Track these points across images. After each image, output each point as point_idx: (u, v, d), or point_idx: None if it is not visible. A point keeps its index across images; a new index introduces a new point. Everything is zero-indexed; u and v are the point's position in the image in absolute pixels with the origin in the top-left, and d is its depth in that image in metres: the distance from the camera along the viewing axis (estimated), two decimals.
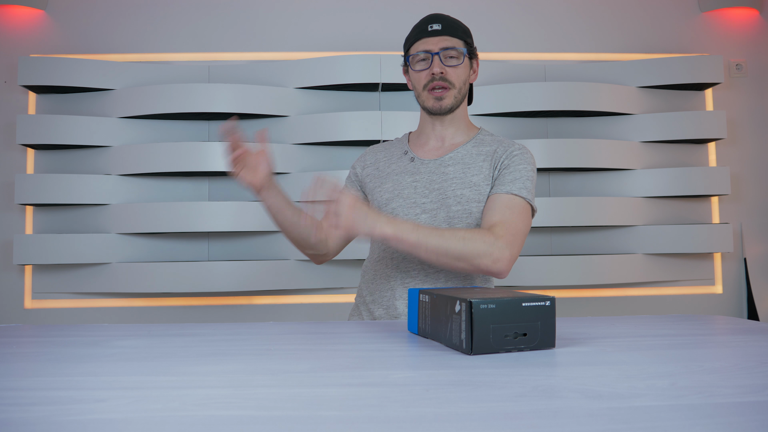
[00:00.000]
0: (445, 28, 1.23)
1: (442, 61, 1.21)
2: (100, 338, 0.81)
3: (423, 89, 1.23)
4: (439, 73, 1.20)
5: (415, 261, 1.20)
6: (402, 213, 1.22)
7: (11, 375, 0.59)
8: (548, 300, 0.68)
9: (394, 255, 1.23)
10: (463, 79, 1.24)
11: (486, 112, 2.42)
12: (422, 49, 1.22)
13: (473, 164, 1.23)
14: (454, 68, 1.22)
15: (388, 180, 1.27)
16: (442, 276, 1.20)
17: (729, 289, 2.53)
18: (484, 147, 1.26)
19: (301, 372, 0.59)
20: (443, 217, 1.20)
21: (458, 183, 1.21)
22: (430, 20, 1.24)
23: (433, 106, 1.23)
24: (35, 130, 2.26)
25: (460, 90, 1.24)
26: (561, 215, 2.33)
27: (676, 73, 2.46)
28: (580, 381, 0.54)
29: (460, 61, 1.23)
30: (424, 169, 1.25)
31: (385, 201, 1.25)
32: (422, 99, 1.25)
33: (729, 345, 0.73)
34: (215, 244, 2.39)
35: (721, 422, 0.42)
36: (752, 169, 2.59)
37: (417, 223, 1.07)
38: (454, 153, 1.25)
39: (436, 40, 1.22)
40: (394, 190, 1.25)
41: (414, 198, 1.22)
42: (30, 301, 2.34)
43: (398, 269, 1.22)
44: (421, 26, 1.25)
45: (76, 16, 2.44)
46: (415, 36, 1.24)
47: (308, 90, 2.41)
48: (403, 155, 1.29)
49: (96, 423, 0.43)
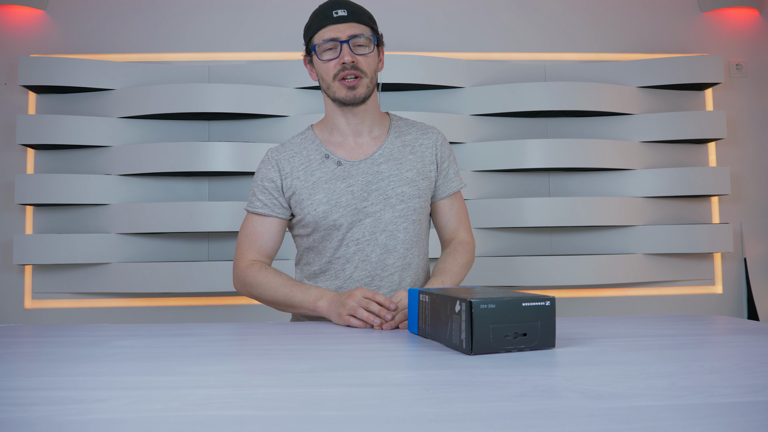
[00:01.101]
0: (351, 14, 1.14)
1: (352, 49, 1.13)
2: (100, 338, 0.81)
3: (333, 80, 1.15)
4: (350, 62, 1.12)
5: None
6: (345, 222, 1.16)
7: (11, 375, 0.59)
8: (548, 300, 0.68)
9: (345, 266, 1.19)
10: (373, 68, 1.18)
11: (486, 112, 2.42)
12: (329, 37, 1.13)
13: (403, 158, 1.21)
14: (364, 57, 1.15)
15: (318, 190, 1.17)
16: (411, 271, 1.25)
17: (729, 289, 2.53)
18: (404, 136, 1.24)
19: (301, 372, 0.59)
20: (389, 219, 1.17)
21: (396, 180, 1.18)
22: (333, 5, 1.15)
23: (346, 96, 1.15)
24: (35, 130, 2.25)
25: (372, 79, 1.18)
26: (561, 215, 2.33)
27: (676, 73, 2.46)
28: (580, 381, 0.54)
29: (370, 49, 1.16)
30: (356, 171, 1.18)
31: (322, 214, 1.16)
32: (333, 90, 1.16)
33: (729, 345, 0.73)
34: (215, 244, 2.39)
35: (721, 422, 0.42)
36: (752, 169, 2.59)
37: (441, 279, 1.16)
38: (382, 149, 1.21)
39: (343, 27, 1.13)
40: (329, 200, 1.16)
41: (354, 204, 1.16)
42: (30, 301, 2.34)
43: (351, 279, 1.19)
44: (324, 12, 1.15)
45: (76, 16, 2.44)
46: (319, 23, 1.15)
47: (308, 90, 2.41)
48: (325, 159, 1.20)
49: (96, 423, 0.43)
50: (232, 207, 2.25)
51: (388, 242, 1.18)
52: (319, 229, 1.18)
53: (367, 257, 1.17)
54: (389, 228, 1.18)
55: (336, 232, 1.18)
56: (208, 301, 2.37)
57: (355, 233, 1.17)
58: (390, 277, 1.18)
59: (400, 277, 1.19)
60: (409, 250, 1.20)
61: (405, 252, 1.19)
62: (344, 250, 1.18)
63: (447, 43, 2.51)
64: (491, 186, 2.43)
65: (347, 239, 1.17)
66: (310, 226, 1.19)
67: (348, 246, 1.18)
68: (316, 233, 1.19)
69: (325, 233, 1.18)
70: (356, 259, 1.18)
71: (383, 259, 1.18)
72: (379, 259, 1.18)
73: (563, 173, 2.49)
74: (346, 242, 1.18)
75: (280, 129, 2.38)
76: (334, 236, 1.18)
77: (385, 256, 1.18)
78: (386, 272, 1.18)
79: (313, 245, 1.22)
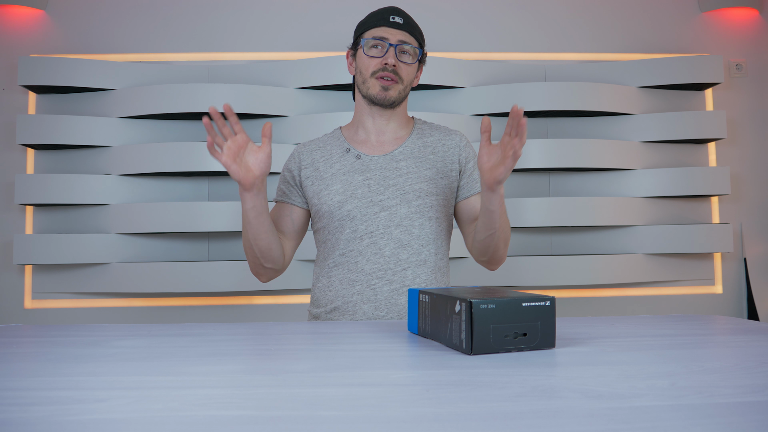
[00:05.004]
0: (406, 24, 1.19)
1: (397, 54, 1.17)
2: (100, 338, 0.81)
3: (371, 75, 1.19)
4: (392, 65, 1.17)
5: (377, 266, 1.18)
6: (359, 213, 1.18)
7: (11, 375, 0.59)
8: (548, 300, 0.68)
9: (358, 259, 1.19)
10: (410, 78, 1.22)
11: (486, 112, 2.42)
12: (380, 36, 1.18)
13: (423, 158, 1.22)
14: (406, 65, 1.19)
15: (336, 181, 1.21)
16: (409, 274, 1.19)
17: (729, 289, 2.53)
18: (427, 138, 1.26)
19: (301, 372, 0.59)
20: (404, 213, 1.18)
21: (414, 177, 1.19)
22: (392, 12, 1.20)
23: (378, 94, 1.19)
24: (35, 130, 2.26)
25: (406, 88, 1.22)
26: (561, 215, 2.33)
27: (676, 73, 2.46)
28: (580, 381, 0.54)
29: (413, 60, 1.21)
30: (374, 165, 1.21)
31: (337, 204, 1.19)
32: (367, 85, 1.20)
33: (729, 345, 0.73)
34: (215, 244, 2.39)
35: (721, 422, 0.42)
36: (752, 169, 2.59)
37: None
38: (402, 147, 1.23)
39: (395, 32, 1.18)
40: (345, 191, 1.20)
41: (370, 196, 1.19)
42: (30, 301, 2.34)
43: (363, 272, 1.19)
44: (381, 15, 1.20)
45: (76, 16, 2.44)
46: (374, 22, 1.20)
47: (308, 90, 2.41)
48: (345, 153, 1.24)
49: (96, 423, 0.43)
50: (232, 207, 2.25)
51: (402, 237, 1.18)
52: (333, 219, 1.21)
53: (380, 250, 1.18)
54: (404, 223, 1.18)
55: (350, 223, 1.19)
56: (208, 301, 2.37)
57: (369, 226, 1.18)
58: (403, 272, 1.18)
59: (413, 273, 1.18)
60: (424, 247, 1.19)
61: (420, 248, 1.19)
62: (357, 242, 1.19)
63: (447, 43, 2.51)
64: None
65: (360, 231, 1.18)
66: (326, 216, 1.21)
67: (362, 238, 1.18)
68: (331, 224, 1.21)
69: (339, 224, 1.20)
70: (369, 252, 1.18)
71: (396, 253, 1.18)
72: (393, 253, 1.18)
73: (563, 173, 2.49)
74: (359, 234, 1.19)
75: (281, 129, 2.38)
76: (347, 227, 1.19)
77: (398, 250, 1.18)
78: (399, 267, 1.18)
79: (328, 238, 1.23)
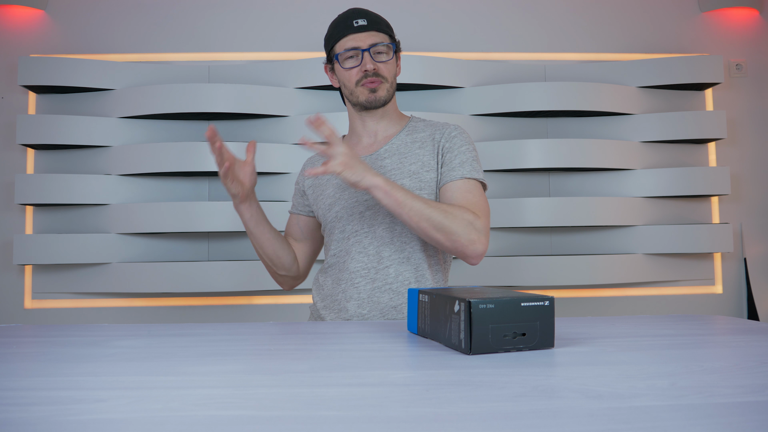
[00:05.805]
0: (370, 23, 1.19)
1: (372, 57, 1.18)
2: (100, 338, 0.81)
3: (356, 85, 1.20)
4: (372, 70, 1.17)
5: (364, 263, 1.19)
6: (346, 214, 1.21)
7: (11, 375, 0.59)
8: (547, 300, 0.68)
9: (345, 258, 1.22)
10: (393, 74, 1.23)
11: (486, 112, 2.42)
12: (350, 46, 1.18)
13: (409, 153, 1.22)
14: (384, 63, 1.20)
15: (329, 186, 1.26)
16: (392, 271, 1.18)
17: (729, 289, 2.53)
18: (418, 134, 1.25)
19: (301, 372, 0.59)
20: (387, 211, 1.17)
21: (396, 174, 1.19)
22: (353, 15, 1.20)
23: (368, 98, 1.20)
24: (35, 130, 2.25)
25: (392, 84, 1.22)
26: (561, 215, 2.33)
27: (676, 73, 2.46)
28: (580, 381, 0.54)
29: (390, 56, 1.21)
30: None
31: (327, 206, 1.24)
32: (356, 95, 1.21)
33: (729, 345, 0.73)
34: (215, 244, 2.39)
35: (721, 422, 0.42)
36: (752, 169, 2.59)
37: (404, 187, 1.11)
38: (389, 145, 1.23)
39: (364, 36, 1.18)
40: (335, 194, 1.23)
41: (356, 196, 1.21)
42: (30, 301, 2.34)
43: (349, 271, 1.20)
44: (344, 22, 1.20)
45: (76, 16, 2.44)
46: (340, 32, 1.20)
47: (308, 90, 2.41)
48: None
49: (96, 423, 0.43)
50: (231, 207, 2.25)
51: (384, 234, 1.19)
52: (327, 222, 1.25)
53: (364, 249, 1.19)
54: (387, 220, 1.19)
55: (338, 224, 1.22)
56: (208, 301, 2.37)
57: (355, 225, 1.21)
58: (386, 269, 1.18)
59: (396, 271, 1.18)
60: (407, 243, 1.19)
61: (402, 245, 1.19)
62: (345, 242, 1.22)
63: (447, 43, 2.51)
64: (491, 186, 2.43)
65: (348, 231, 1.21)
66: (323, 220, 1.27)
67: (348, 238, 1.21)
68: (326, 227, 1.27)
69: (331, 226, 1.24)
70: (354, 251, 1.20)
71: (380, 251, 1.18)
72: (377, 251, 1.18)
73: (563, 173, 2.49)
74: (347, 234, 1.21)
75: (281, 129, 2.38)
76: (336, 228, 1.23)
77: (381, 248, 1.18)
78: (382, 264, 1.18)
79: (326, 241, 1.29)
